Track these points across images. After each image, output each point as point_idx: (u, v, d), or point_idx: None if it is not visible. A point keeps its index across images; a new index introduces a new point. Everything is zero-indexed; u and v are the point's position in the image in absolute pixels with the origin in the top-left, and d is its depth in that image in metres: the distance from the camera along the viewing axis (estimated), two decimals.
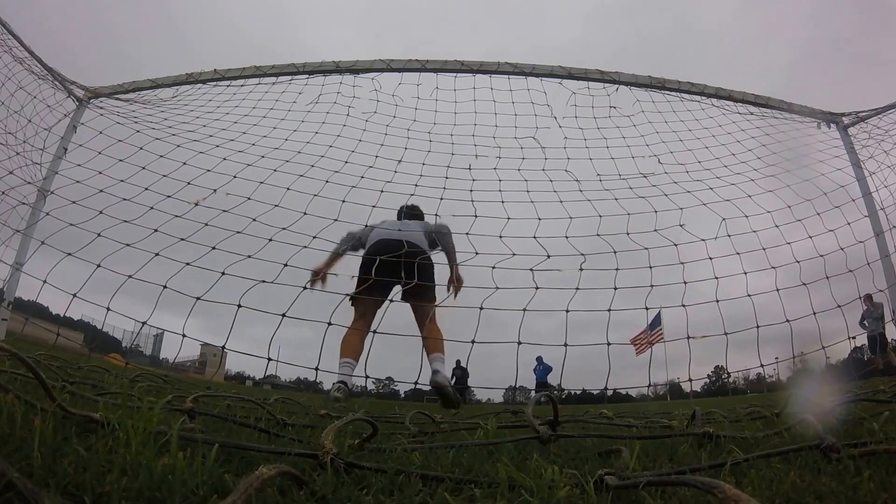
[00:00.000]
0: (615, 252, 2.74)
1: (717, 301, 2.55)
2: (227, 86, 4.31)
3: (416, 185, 3.37)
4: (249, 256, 2.54)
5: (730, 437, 1.10)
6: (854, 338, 2.55)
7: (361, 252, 3.67)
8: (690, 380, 2.47)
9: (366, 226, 3.62)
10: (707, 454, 1.01)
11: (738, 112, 4.32)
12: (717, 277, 2.68)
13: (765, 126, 4.29)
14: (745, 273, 2.73)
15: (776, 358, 2.57)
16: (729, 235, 3.05)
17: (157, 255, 2.46)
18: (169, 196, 3.00)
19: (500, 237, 3.52)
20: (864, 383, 2.81)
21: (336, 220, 2.97)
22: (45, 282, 2.39)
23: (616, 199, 3.27)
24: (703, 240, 2.90)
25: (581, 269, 2.61)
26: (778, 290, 2.69)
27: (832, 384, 2.47)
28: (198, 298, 2.17)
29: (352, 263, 3.61)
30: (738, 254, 2.88)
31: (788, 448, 0.87)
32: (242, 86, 4.30)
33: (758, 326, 2.35)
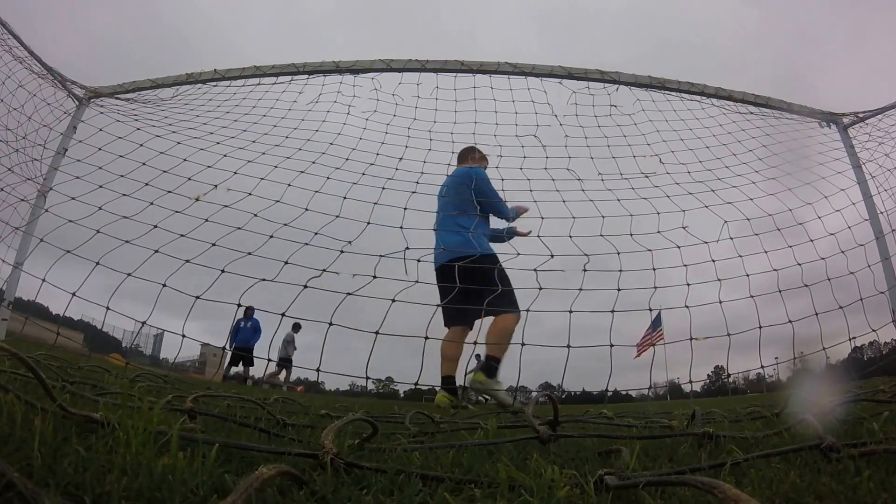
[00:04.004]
0: (619, 253, 2.73)
1: (721, 302, 2.55)
2: (228, 86, 4.31)
3: (417, 183, 3.36)
4: (250, 254, 2.53)
5: (730, 437, 1.10)
6: (854, 338, 2.54)
7: None
8: (691, 381, 2.47)
9: None
10: (707, 454, 1.01)
11: (739, 112, 4.32)
12: (719, 280, 2.68)
13: (765, 126, 4.29)
14: (748, 275, 2.72)
15: (776, 358, 2.57)
16: (731, 238, 3.04)
17: (156, 251, 2.45)
18: (169, 191, 2.99)
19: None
20: (864, 383, 2.80)
21: (338, 216, 2.96)
22: (44, 280, 2.39)
23: (619, 200, 3.26)
24: (706, 242, 2.89)
25: (585, 270, 2.60)
26: (780, 290, 2.69)
27: (832, 384, 2.47)
28: (197, 297, 2.17)
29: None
30: (740, 256, 2.87)
31: (788, 448, 0.87)
32: (243, 86, 4.30)
33: (760, 327, 2.35)
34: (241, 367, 10.52)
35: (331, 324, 2.14)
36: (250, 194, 3.01)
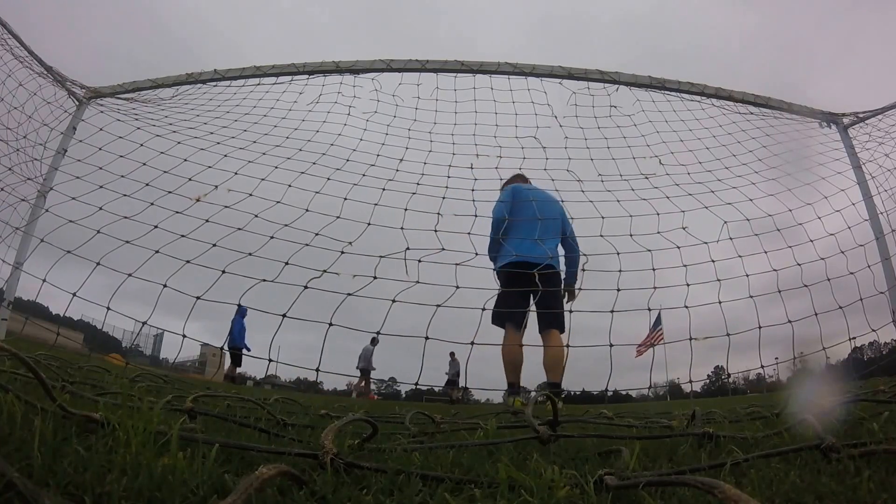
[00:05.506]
0: (618, 253, 2.72)
1: (720, 302, 2.54)
2: (228, 86, 4.31)
3: (417, 185, 3.36)
4: (250, 255, 2.53)
5: (730, 437, 1.10)
6: (854, 338, 2.54)
7: None
8: (691, 381, 2.47)
9: None
10: (707, 454, 1.01)
11: (739, 112, 4.31)
12: (719, 280, 2.67)
13: (765, 126, 4.29)
14: (748, 276, 2.72)
15: (776, 358, 2.57)
16: (731, 238, 3.04)
17: (157, 252, 2.45)
18: (170, 192, 2.99)
19: (503, 237, 3.52)
20: (864, 383, 2.80)
21: (338, 217, 2.96)
22: (44, 281, 2.39)
23: (618, 201, 3.26)
24: (705, 242, 2.88)
25: (584, 270, 2.60)
26: (780, 290, 2.69)
27: (832, 384, 2.46)
28: (198, 298, 2.17)
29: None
30: (739, 256, 2.87)
31: (788, 448, 0.87)
32: (243, 86, 4.29)
33: (759, 327, 2.35)
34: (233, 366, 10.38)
35: (331, 324, 2.14)
36: (251, 195, 3.01)
